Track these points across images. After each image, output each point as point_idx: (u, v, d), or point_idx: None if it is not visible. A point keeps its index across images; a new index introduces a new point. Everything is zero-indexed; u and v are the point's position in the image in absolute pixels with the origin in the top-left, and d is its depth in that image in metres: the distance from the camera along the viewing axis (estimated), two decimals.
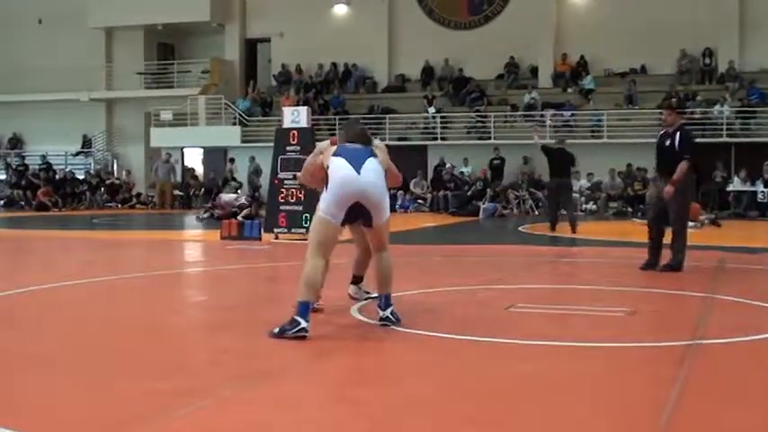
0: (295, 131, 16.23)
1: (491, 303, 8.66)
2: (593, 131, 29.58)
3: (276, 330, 6.77)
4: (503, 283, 10.43)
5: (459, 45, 33.79)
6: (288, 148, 16.20)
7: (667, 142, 11.34)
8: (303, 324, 6.70)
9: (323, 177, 7.35)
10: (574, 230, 18.09)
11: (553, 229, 18.57)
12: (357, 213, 7.31)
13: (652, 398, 5.12)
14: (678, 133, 11.34)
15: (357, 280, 8.54)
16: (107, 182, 34.34)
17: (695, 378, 5.65)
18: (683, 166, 11.08)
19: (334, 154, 7.32)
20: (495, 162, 28.96)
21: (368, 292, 8.47)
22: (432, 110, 32.09)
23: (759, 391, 5.40)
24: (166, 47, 39.05)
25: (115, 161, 38.20)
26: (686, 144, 11.33)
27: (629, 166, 27.53)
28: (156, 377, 5.58)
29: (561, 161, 18.92)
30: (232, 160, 32.62)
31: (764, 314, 8.13)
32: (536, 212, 25.74)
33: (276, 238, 16.12)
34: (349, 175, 7.14)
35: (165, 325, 7.72)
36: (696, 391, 5.32)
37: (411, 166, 29.27)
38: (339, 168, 7.18)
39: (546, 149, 19.28)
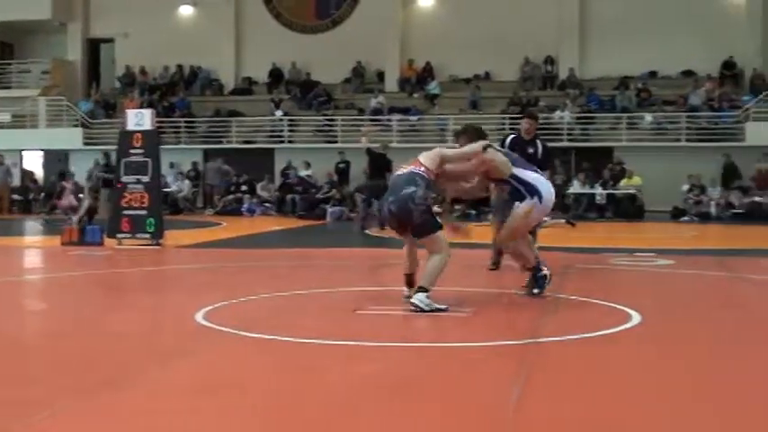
0: (139, 134, 15.97)
1: (338, 306, 8.66)
2: (438, 136, 29.99)
3: (536, 290, 9.01)
4: (350, 286, 10.46)
5: (307, 48, 33.79)
6: (131, 150, 15.92)
7: (530, 150, 11.71)
8: (546, 272, 9.07)
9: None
10: (383, 228, 19.01)
11: (363, 229, 19.98)
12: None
13: (495, 396, 5.22)
14: (539, 143, 11.86)
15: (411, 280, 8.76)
16: None
17: (536, 375, 5.79)
18: (548, 175, 11.64)
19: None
20: (341, 166, 29.02)
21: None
22: (279, 113, 31.99)
23: (596, 387, 5.57)
24: (4, 45, 37.69)
25: None
26: (550, 154, 12.03)
27: None
28: None
29: (379, 165, 20.17)
30: (97, 162, 31.16)
31: (603, 312, 8.38)
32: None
33: (119, 243, 15.78)
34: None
35: (1, 334, 7.45)
36: (537, 388, 5.45)
37: (258, 169, 29.20)
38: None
39: (369, 153, 20.46)
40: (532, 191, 8.91)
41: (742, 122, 28.09)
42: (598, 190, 26.38)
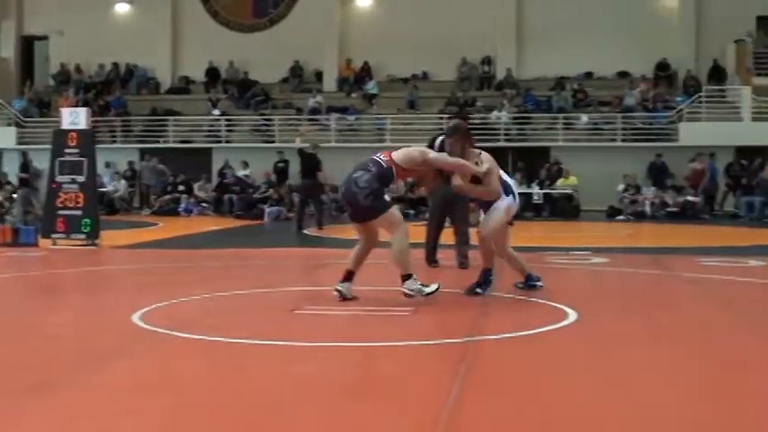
0: (74, 133, 15.75)
1: (277, 306, 8.64)
2: (376, 135, 30.02)
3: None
4: (288, 286, 10.44)
5: (245, 47, 33.65)
6: (67, 150, 15.71)
7: None
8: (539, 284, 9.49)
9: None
10: (320, 227, 19.85)
11: (299, 228, 19.83)
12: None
13: (434, 394, 5.23)
14: None
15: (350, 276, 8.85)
16: None
17: (474, 373, 5.83)
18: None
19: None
20: (280, 165, 28.92)
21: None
22: (216, 112, 31.78)
23: (534, 385, 5.62)
24: None
25: None
26: None
27: None
28: None
29: (307, 165, 20.49)
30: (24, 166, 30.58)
31: (540, 310, 8.45)
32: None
33: (54, 244, 15.57)
34: None
35: None
36: (475, 386, 5.49)
37: (195, 168, 28.94)
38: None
39: (300, 153, 20.74)
40: (508, 190, 9.21)
41: (675, 123, 28.52)
42: (535, 189, 26.58)
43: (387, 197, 8.70)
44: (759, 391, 5.54)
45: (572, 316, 7.95)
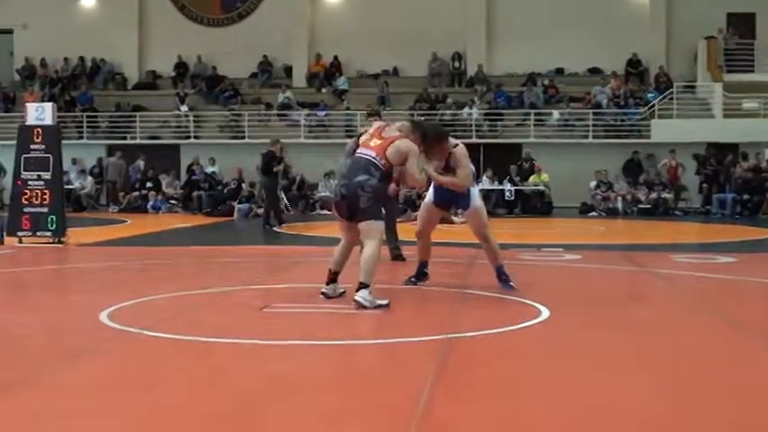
0: (39, 129, 15.52)
1: (246, 304, 8.54)
2: (347, 131, 29.89)
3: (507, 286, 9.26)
4: (258, 284, 10.33)
5: (213, 42, 33.42)
6: (32, 146, 15.48)
7: None
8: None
9: None
10: (265, 226, 20.04)
11: (281, 223, 20.05)
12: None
13: (406, 392, 5.17)
14: None
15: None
16: None
17: (447, 371, 5.78)
18: None
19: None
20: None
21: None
22: (184, 108, 31.51)
23: (503, 382, 5.61)
24: None
25: None
26: None
27: None
28: None
29: (264, 161, 20.61)
30: None
31: (513, 307, 8.41)
32: (290, 212, 25.72)
33: (20, 242, 15.34)
34: None
35: None
36: (448, 383, 5.44)
37: (163, 165, 28.68)
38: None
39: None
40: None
41: (647, 120, 28.59)
42: (507, 186, 26.54)
43: (382, 209, 8.50)
44: (733, 384, 5.52)
45: (545, 313, 7.90)
